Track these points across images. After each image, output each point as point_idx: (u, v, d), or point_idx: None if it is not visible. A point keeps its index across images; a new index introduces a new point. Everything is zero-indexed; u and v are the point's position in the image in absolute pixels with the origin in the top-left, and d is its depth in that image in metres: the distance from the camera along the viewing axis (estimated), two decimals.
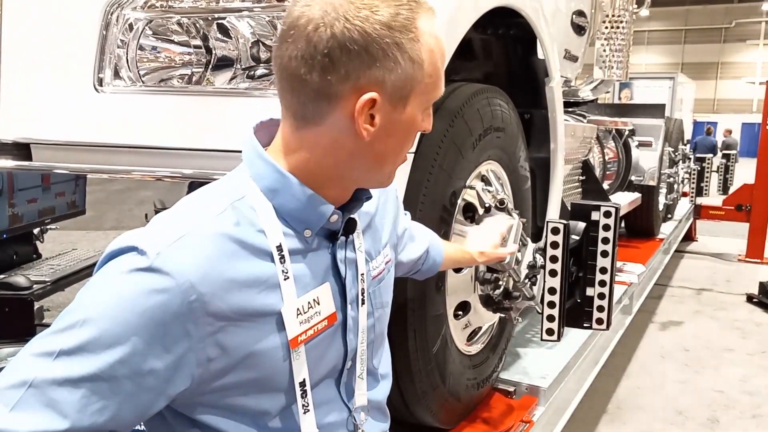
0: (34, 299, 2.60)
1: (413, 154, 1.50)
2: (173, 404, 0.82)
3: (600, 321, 1.87)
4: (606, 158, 4.33)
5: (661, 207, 5.61)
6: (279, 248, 0.83)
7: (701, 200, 7.41)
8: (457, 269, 1.77)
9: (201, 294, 0.75)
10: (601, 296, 1.85)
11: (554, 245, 1.71)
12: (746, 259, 6.96)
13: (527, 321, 2.67)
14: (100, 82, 1.46)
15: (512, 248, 1.57)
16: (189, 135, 1.40)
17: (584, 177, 3.51)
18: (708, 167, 7.20)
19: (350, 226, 0.93)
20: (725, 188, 7.92)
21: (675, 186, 6.07)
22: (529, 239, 1.81)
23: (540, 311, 1.79)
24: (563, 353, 2.40)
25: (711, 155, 7.59)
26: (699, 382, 3.77)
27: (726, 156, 8.13)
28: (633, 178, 5.02)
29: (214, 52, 1.41)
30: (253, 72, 1.40)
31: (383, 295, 1.04)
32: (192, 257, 0.76)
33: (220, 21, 1.40)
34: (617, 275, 2.85)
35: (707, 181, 7.20)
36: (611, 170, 4.54)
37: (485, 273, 1.86)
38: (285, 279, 0.83)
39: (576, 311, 1.87)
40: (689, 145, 8.71)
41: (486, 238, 1.53)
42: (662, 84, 9.95)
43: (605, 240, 1.84)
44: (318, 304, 0.88)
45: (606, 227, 1.84)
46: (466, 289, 1.83)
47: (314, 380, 0.90)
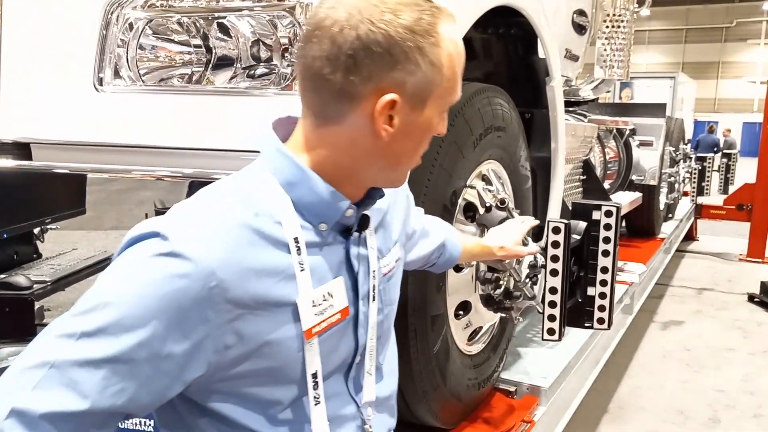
0: (35, 299, 2.59)
1: None
2: (186, 391, 0.83)
3: (601, 321, 1.87)
4: (607, 158, 4.33)
5: (662, 206, 5.60)
6: (296, 240, 0.84)
7: (702, 200, 7.41)
8: (458, 269, 1.76)
9: (221, 280, 0.77)
10: (602, 296, 1.85)
11: (555, 245, 1.71)
12: (747, 259, 6.96)
13: (528, 321, 2.67)
14: (101, 82, 1.46)
15: (533, 248, 1.60)
16: (189, 134, 1.40)
17: (585, 176, 3.50)
18: (709, 166, 7.19)
19: (363, 223, 0.95)
20: (726, 188, 7.91)
21: (676, 185, 6.07)
22: (530, 239, 1.80)
23: (541, 311, 1.79)
24: (564, 353, 2.40)
25: (712, 154, 7.58)
26: (700, 382, 3.77)
27: (727, 155, 8.12)
28: (634, 178, 5.02)
29: (214, 52, 1.41)
30: (254, 71, 1.40)
31: (392, 293, 1.06)
32: (213, 244, 0.77)
33: (221, 20, 1.40)
34: (618, 275, 2.84)
35: (708, 181, 7.20)
36: (612, 170, 4.54)
37: (486, 272, 1.85)
38: (301, 270, 0.85)
39: (577, 311, 1.87)
40: (691, 143, 8.70)
41: (507, 234, 1.55)
42: (663, 83, 9.93)
43: (606, 239, 1.84)
44: (332, 297, 0.89)
45: (607, 227, 1.84)
46: (467, 289, 1.83)
47: (324, 373, 0.91)
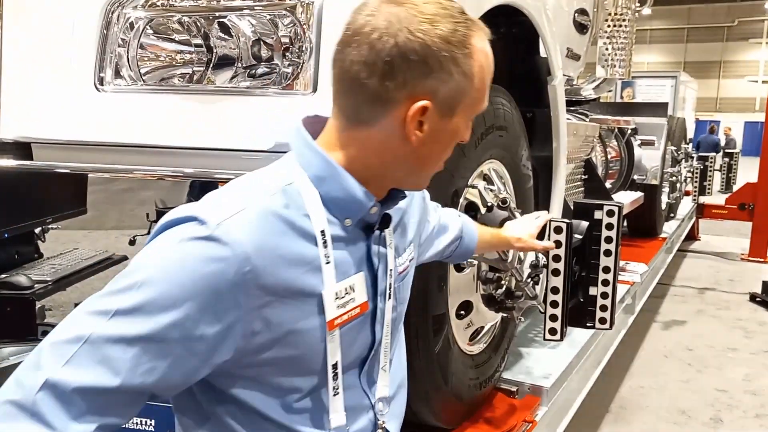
0: (36, 299, 2.59)
1: None
2: (209, 376, 0.85)
3: (603, 320, 1.86)
4: (608, 157, 4.32)
5: (664, 206, 5.60)
6: (322, 233, 0.87)
7: (704, 199, 7.39)
8: (459, 269, 1.76)
9: (255, 266, 0.79)
10: (604, 295, 1.84)
11: (557, 244, 1.70)
12: (749, 258, 6.95)
13: (530, 320, 2.66)
14: (101, 81, 1.45)
15: (549, 243, 1.64)
16: (190, 134, 1.40)
17: (587, 176, 3.50)
18: (711, 166, 7.18)
19: (385, 222, 0.98)
20: (728, 187, 7.90)
21: (678, 185, 6.06)
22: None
23: (543, 311, 1.79)
24: (566, 353, 2.40)
25: (714, 153, 7.57)
26: (702, 382, 3.77)
27: (729, 154, 8.11)
28: (635, 177, 5.01)
29: (215, 51, 1.40)
30: (254, 71, 1.40)
31: (404, 291, 1.09)
32: (249, 230, 0.80)
33: (221, 20, 1.40)
34: (620, 274, 2.84)
35: (710, 180, 7.19)
36: (614, 169, 4.54)
37: (488, 272, 1.85)
38: (327, 263, 0.88)
39: (579, 310, 1.87)
40: (692, 144, 8.69)
41: (524, 227, 1.59)
42: (664, 83, 9.89)
43: (608, 239, 1.83)
44: (353, 291, 0.92)
45: (609, 226, 1.83)
46: (469, 289, 1.83)
47: (342, 365, 0.93)
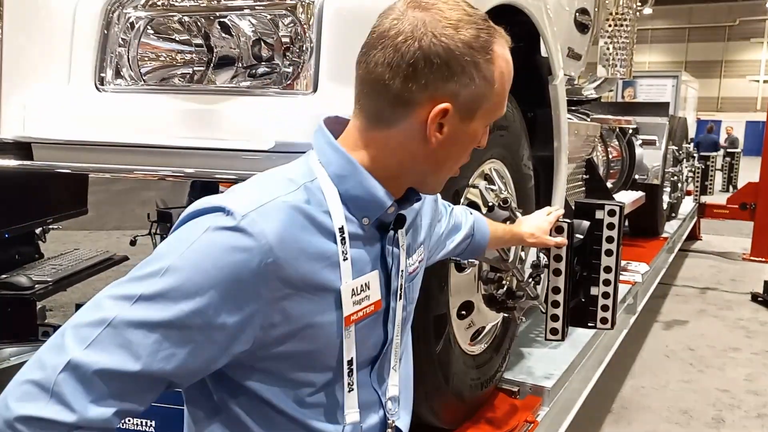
0: (36, 299, 2.58)
1: None
2: (225, 367, 0.86)
3: (604, 320, 1.86)
4: (609, 157, 4.32)
5: (665, 206, 5.59)
6: (341, 230, 0.89)
7: (705, 199, 7.39)
8: (460, 269, 1.76)
9: (277, 258, 0.81)
10: (606, 295, 1.84)
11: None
12: (751, 258, 6.94)
13: (531, 320, 2.66)
14: (102, 81, 1.45)
15: (561, 239, 1.65)
16: (191, 134, 1.39)
17: (588, 176, 3.50)
18: (712, 165, 7.18)
19: (399, 222, 0.99)
20: (729, 187, 7.90)
21: (679, 184, 6.06)
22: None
23: (544, 311, 1.78)
24: (567, 353, 2.39)
25: (715, 153, 7.57)
26: (704, 382, 3.76)
27: (730, 154, 8.11)
28: (637, 177, 5.01)
29: (216, 51, 1.40)
30: (255, 70, 1.40)
31: (414, 292, 1.10)
32: (273, 223, 0.82)
33: (222, 19, 1.40)
34: (621, 274, 2.83)
35: (711, 180, 7.18)
36: (615, 169, 4.53)
37: (489, 272, 1.85)
38: (344, 260, 0.89)
39: (580, 310, 1.87)
40: (692, 144, 8.69)
41: (536, 223, 1.61)
42: (666, 82, 9.89)
43: (609, 239, 1.83)
44: (368, 289, 0.94)
45: (610, 226, 1.83)
46: (470, 289, 1.83)
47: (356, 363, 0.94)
